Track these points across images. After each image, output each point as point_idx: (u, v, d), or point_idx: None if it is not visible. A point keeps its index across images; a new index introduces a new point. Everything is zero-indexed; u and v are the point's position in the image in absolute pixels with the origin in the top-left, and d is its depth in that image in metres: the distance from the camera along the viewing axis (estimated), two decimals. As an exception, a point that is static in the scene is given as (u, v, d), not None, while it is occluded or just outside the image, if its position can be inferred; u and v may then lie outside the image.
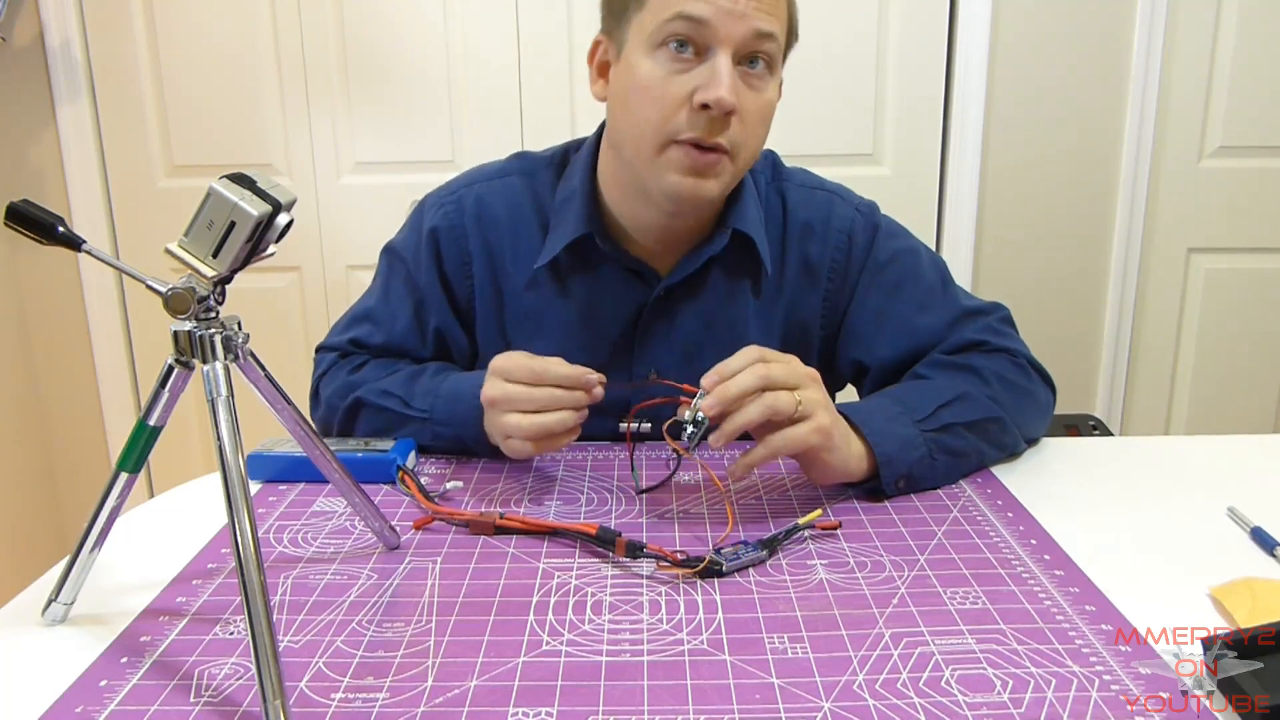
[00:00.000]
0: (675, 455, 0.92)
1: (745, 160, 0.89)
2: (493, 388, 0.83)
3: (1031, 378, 0.95)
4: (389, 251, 1.05)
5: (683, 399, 0.79)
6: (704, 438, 0.76)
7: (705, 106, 0.83)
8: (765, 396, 0.75)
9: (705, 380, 0.76)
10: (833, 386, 1.07)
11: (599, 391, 0.82)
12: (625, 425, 0.90)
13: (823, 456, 0.79)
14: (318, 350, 1.07)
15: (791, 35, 0.90)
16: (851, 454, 0.81)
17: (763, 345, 0.99)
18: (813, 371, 0.80)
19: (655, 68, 0.85)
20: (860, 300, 0.99)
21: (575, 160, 1.00)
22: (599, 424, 0.89)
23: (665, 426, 0.81)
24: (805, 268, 0.99)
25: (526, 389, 0.82)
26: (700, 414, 0.75)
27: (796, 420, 0.77)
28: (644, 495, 0.85)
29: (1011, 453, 0.92)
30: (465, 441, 0.91)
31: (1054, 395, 0.98)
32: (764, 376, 0.75)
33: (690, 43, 0.83)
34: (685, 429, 0.76)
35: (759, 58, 0.85)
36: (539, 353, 0.90)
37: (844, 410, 0.84)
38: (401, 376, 0.97)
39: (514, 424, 0.82)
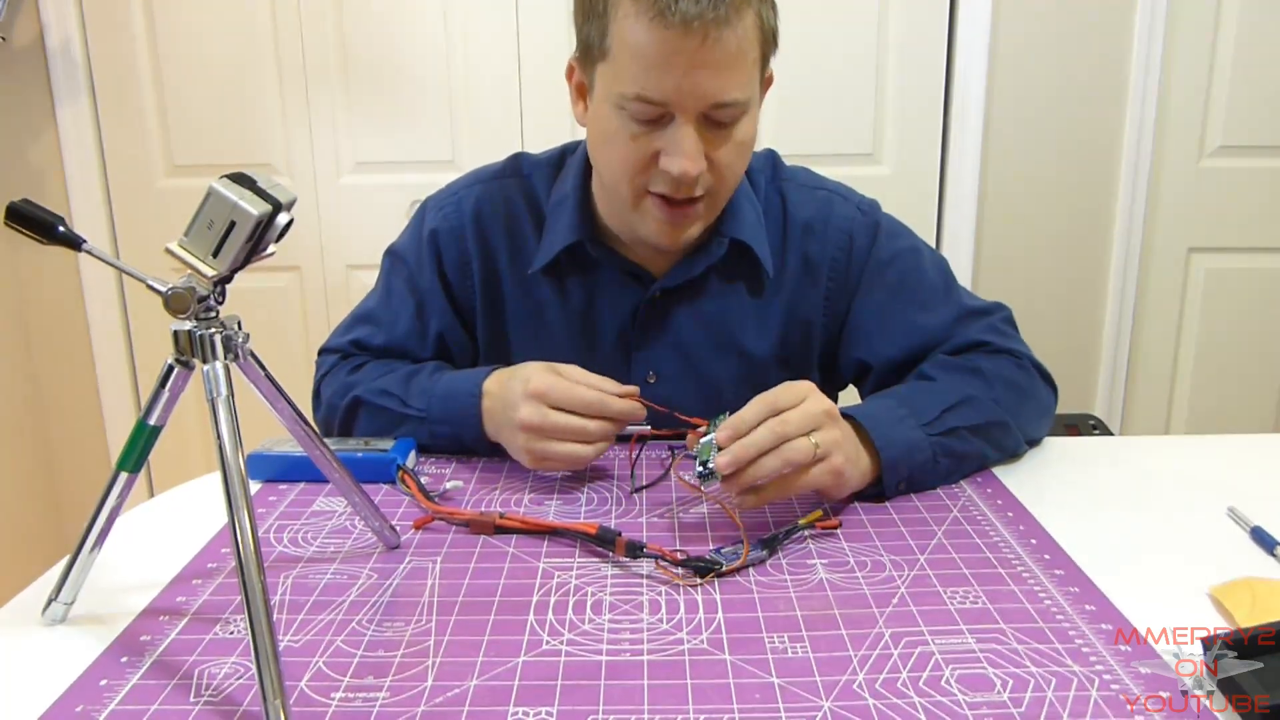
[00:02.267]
0: (671, 454, 0.92)
1: (726, 194, 0.90)
2: (534, 413, 0.82)
3: (1035, 380, 0.95)
4: (391, 254, 1.05)
5: (691, 431, 0.79)
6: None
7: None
8: (783, 450, 0.74)
9: (720, 435, 0.75)
10: (834, 387, 1.07)
11: (644, 411, 0.83)
12: (634, 433, 0.91)
13: (834, 493, 0.79)
14: (320, 352, 1.07)
15: (767, 51, 0.87)
16: (859, 471, 0.80)
17: (761, 348, 0.99)
18: (828, 408, 0.77)
19: (621, 127, 0.85)
20: (862, 300, 0.99)
21: (570, 164, 1.00)
22: None
23: (677, 460, 0.82)
24: (805, 267, 0.99)
25: (579, 422, 0.81)
26: (712, 465, 0.74)
27: (813, 463, 0.76)
28: (642, 493, 0.84)
29: (1013, 454, 0.92)
30: (463, 440, 0.91)
31: (1056, 397, 0.98)
32: (779, 434, 0.74)
33: (652, 110, 0.83)
34: (697, 466, 0.76)
35: (726, 119, 0.84)
36: (540, 354, 0.91)
37: (849, 412, 0.83)
38: (398, 375, 0.97)
39: (553, 453, 0.82)
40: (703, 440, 0.76)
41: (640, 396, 0.84)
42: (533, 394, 0.82)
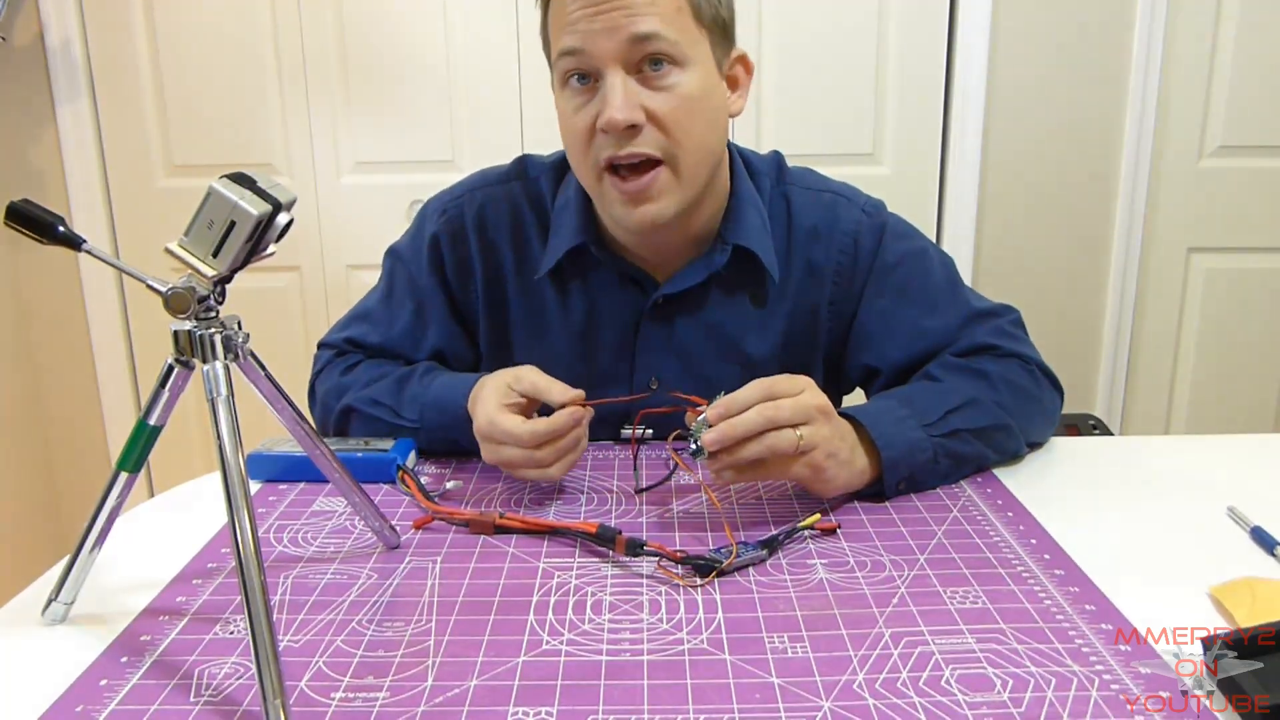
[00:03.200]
0: (670, 450, 0.92)
1: (692, 162, 0.87)
2: (487, 452, 0.84)
3: (1040, 384, 0.95)
4: (392, 253, 1.05)
5: (690, 409, 0.79)
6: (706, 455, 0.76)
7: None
8: (766, 438, 0.75)
9: (711, 412, 0.76)
10: (840, 390, 1.06)
11: (585, 413, 0.83)
12: (632, 433, 0.91)
13: (814, 486, 0.79)
14: (318, 346, 1.07)
15: (703, 11, 0.85)
16: (855, 471, 0.81)
17: (764, 352, 0.99)
18: (822, 404, 0.78)
19: (566, 104, 0.87)
20: (868, 304, 0.98)
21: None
22: (599, 427, 0.89)
23: (671, 437, 0.81)
24: (810, 271, 0.99)
25: (524, 453, 0.82)
26: (700, 443, 0.75)
27: (795, 455, 0.77)
28: (643, 495, 0.85)
29: (1014, 457, 0.92)
30: (460, 444, 0.91)
31: (1061, 401, 0.98)
32: (770, 419, 0.75)
33: (585, 74, 0.84)
34: (690, 443, 0.76)
35: (658, 58, 0.83)
36: (542, 358, 0.90)
37: (852, 412, 0.83)
38: (389, 383, 0.96)
39: (527, 478, 0.84)
40: (699, 418, 0.77)
41: (639, 399, 0.84)
42: (478, 433, 0.84)
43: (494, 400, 0.83)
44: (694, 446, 0.76)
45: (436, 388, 0.93)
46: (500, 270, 1.00)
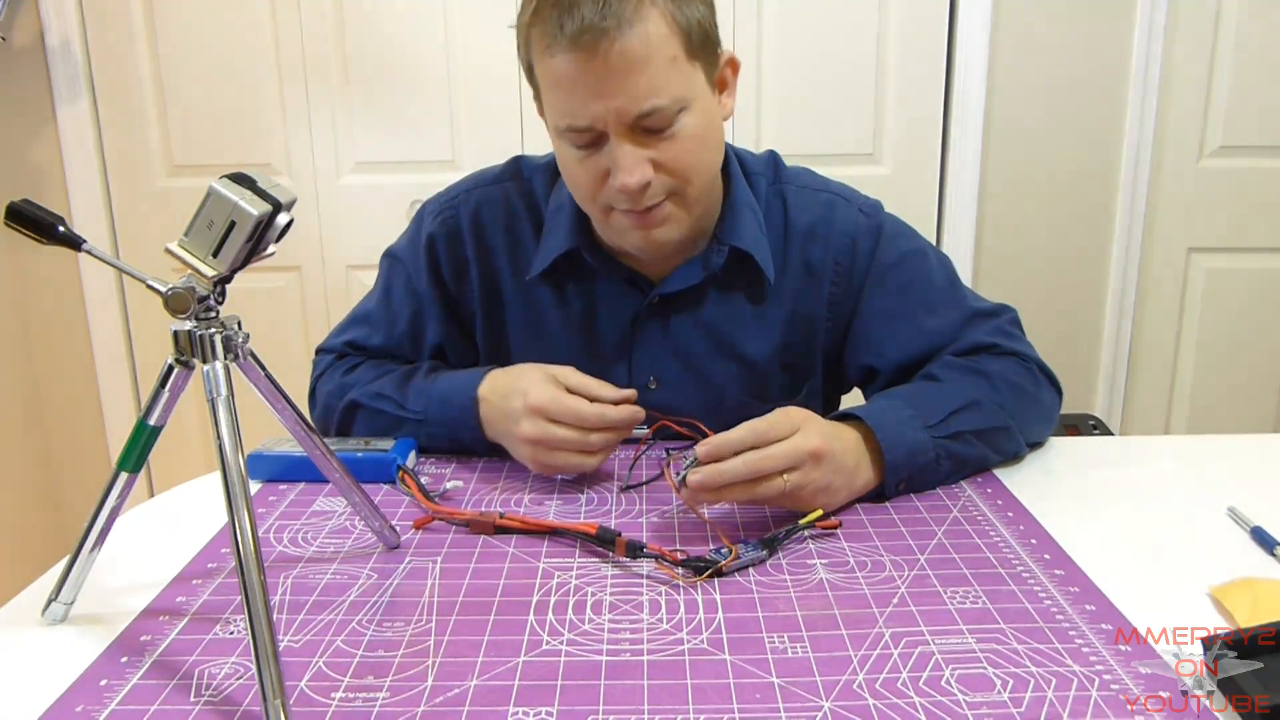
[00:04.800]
0: (667, 455, 0.92)
1: (698, 189, 0.89)
2: (535, 428, 0.83)
3: (1040, 383, 0.95)
4: (389, 256, 1.05)
5: (690, 434, 0.79)
6: None
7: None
8: (753, 486, 0.75)
9: (699, 449, 0.75)
10: (839, 390, 1.06)
11: (643, 414, 0.84)
12: (638, 436, 0.91)
13: (806, 509, 0.78)
14: (316, 352, 1.07)
15: (695, 44, 0.83)
16: (854, 491, 0.81)
17: (762, 352, 0.99)
18: (815, 447, 0.76)
19: (568, 153, 0.87)
20: (867, 304, 0.98)
21: None
22: None
23: (669, 450, 0.83)
24: (807, 271, 0.99)
25: (579, 434, 0.82)
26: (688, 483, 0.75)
27: (781, 498, 0.77)
28: (643, 493, 0.85)
29: (1014, 457, 0.92)
30: (461, 441, 0.91)
31: (1060, 400, 0.98)
32: (755, 470, 0.74)
33: (585, 135, 0.84)
34: (681, 473, 0.76)
35: (659, 125, 0.83)
36: (541, 359, 0.90)
37: (857, 411, 0.83)
38: (394, 378, 0.97)
39: (558, 464, 0.84)
40: (688, 459, 0.76)
41: (642, 401, 0.85)
42: (532, 409, 0.83)
43: (550, 382, 0.84)
44: (682, 475, 0.75)
45: (442, 381, 0.93)
46: (496, 271, 1.01)
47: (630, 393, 0.84)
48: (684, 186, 0.87)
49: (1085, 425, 1.72)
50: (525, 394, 0.84)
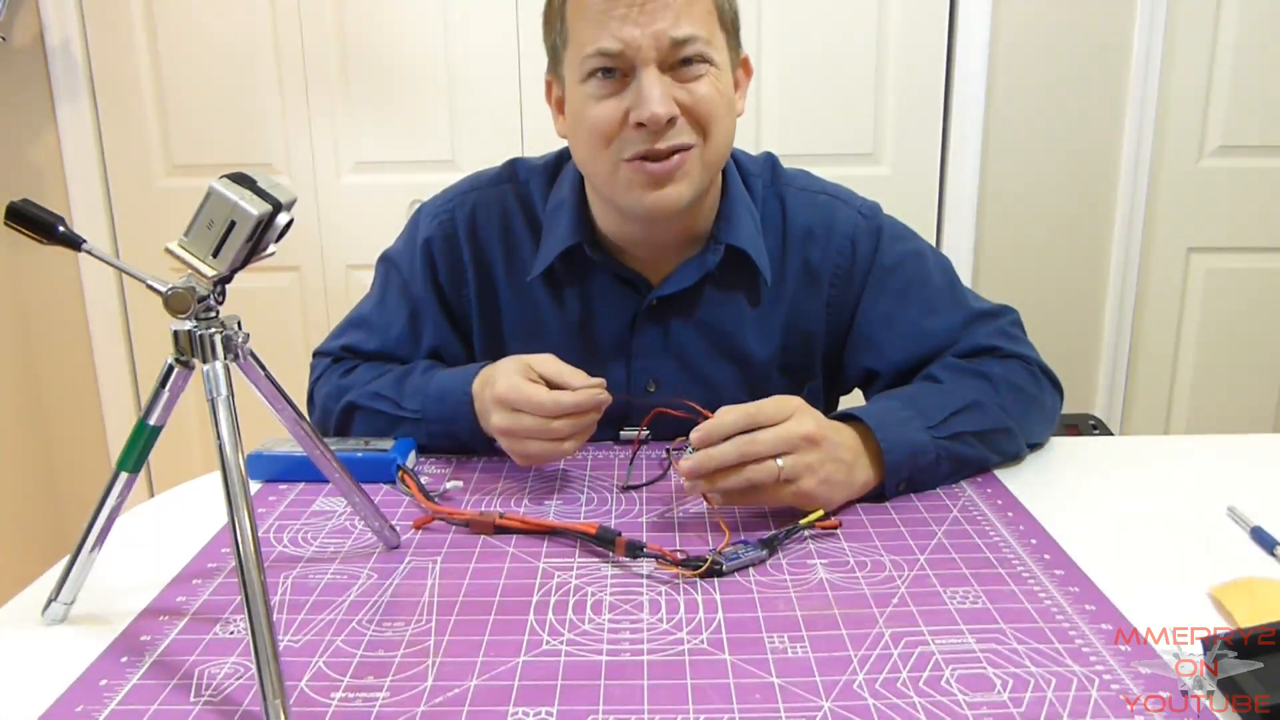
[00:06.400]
0: (669, 458, 0.92)
1: (716, 151, 0.88)
2: (502, 419, 0.84)
3: (1042, 385, 0.95)
4: (385, 260, 1.05)
5: (685, 415, 0.79)
6: None
7: (642, 125, 0.84)
8: (745, 470, 0.75)
9: (693, 436, 0.76)
10: (839, 392, 1.06)
11: (607, 397, 0.83)
12: (635, 435, 0.91)
13: (809, 507, 0.78)
14: (314, 355, 1.07)
15: (724, 12, 0.87)
16: (855, 488, 0.80)
17: (762, 353, 0.99)
18: (809, 431, 0.76)
19: (590, 97, 0.86)
20: (867, 306, 0.98)
21: (567, 169, 1.00)
22: (600, 427, 0.89)
23: (673, 445, 0.82)
24: (806, 273, 0.99)
25: (541, 422, 0.82)
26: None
27: (778, 484, 0.76)
28: (642, 493, 0.85)
29: (1014, 458, 0.92)
30: (460, 438, 0.91)
31: (1061, 401, 0.98)
32: (744, 453, 0.74)
33: (615, 69, 0.84)
34: (682, 456, 0.76)
35: (690, 59, 0.84)
36: None
37: (857, 412, 0.83)
38: (391, 378, 0.97)
39: (532, 452, 0.84)
40: (686, 446, 0.77)
41: (641, 401, 0.85)
42: (496, 400, 0.84)
43: (518, 371, 0.84)
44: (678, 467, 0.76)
45: (439, 379, 0.93)
46: (493, 274, 1.01)
47: (598, 381, 0.83)
48: (704, 139, 0.87)
49: (1085, 425, 1.72)
50: (494, 384, 0.85)
